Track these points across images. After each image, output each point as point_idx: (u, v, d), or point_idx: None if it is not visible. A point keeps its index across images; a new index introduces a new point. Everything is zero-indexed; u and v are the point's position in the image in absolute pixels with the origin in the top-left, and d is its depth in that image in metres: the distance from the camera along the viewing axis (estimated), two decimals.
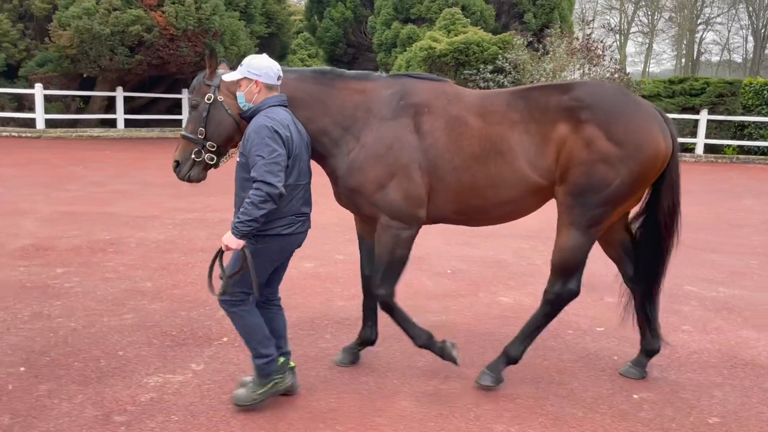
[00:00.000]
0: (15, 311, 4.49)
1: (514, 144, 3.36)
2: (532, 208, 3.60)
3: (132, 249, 6.32)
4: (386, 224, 3.48)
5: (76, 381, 3.48)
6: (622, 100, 3.40)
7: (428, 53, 17.42)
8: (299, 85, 3.50)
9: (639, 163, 3.27)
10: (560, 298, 3.49)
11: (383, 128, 3.44)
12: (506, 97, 3.50)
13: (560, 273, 3.47)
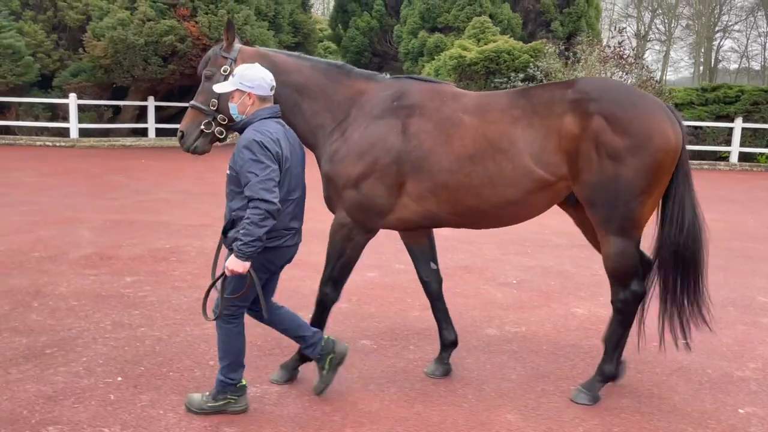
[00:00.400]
0: (96, 320, 4.51)
1: (517, 139, 3.30)
2: (538, 209, 3.47)
3: (193, 258, 6.33)
4: (341, 221, 3.51)
5: (175, 391, 3.47)
6: (626, 91, 3.37)
7: (458, 62, 17.43)
8: (313, 75, 3.61)
9: (650, 154, 3.19)
10: (627, 304, 3.43)
11: (370, 126, 3.47)
12: (506, 95, 3.49)
13: (617, 280, 3.42)
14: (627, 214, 3.25)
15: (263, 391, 3.52)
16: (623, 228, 3.28)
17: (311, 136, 3.65)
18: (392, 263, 6.34)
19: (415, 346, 4.23)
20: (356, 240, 3.53)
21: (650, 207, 3.34)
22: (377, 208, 3.46)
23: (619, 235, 3.29)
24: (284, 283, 5.47)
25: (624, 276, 3.38)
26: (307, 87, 3.60)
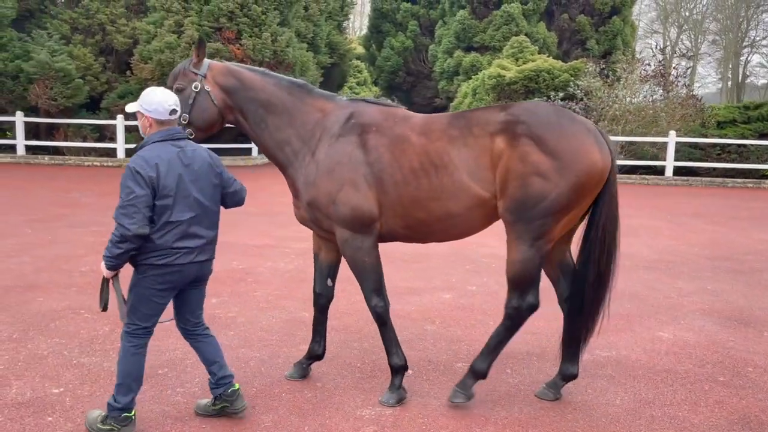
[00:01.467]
0: None
1: (454, 157, 3.51)
2: (479, 224, 3.66)
3: (269, 279, 6.47)
4: (343, 237, 3.66)
5: (293, 412, 3.58)
6: (555, 114, 3.51)
7: (497, 81, 17.55)
8: (275, 92, 3.83)
9: (575, 174, 3.34)
10: (519, 312, 3.57)
11: (335, 145, 3.67)
12: (447, 117, 3.72)
13: (515, 287, 3.55)
14: (541, 229, 3.42)
15: (378, 413, 3.60)
16: (534, 240, 3.44)
17: (278, 151, 3.85)
18: (464, 285, 6.41)
19: (513, 370, 4.29)
20: (366, 246, 3.66)
21: (564, 224, 3.50)
22: (363, 214, 3.59)
23: (528, 245, 3.45)
24: (364, 304, 5.55)
25: (523, 284, 3.53)
26: (271, 103, 3.81)
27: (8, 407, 3.54)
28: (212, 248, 3.41)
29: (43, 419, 3.42)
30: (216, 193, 3.38)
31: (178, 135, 3.29)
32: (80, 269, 6.61)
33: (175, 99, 3.29)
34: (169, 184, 3.13)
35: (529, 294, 3.54)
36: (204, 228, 3.31)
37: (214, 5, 16.79)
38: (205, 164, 3.32)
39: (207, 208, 3.31)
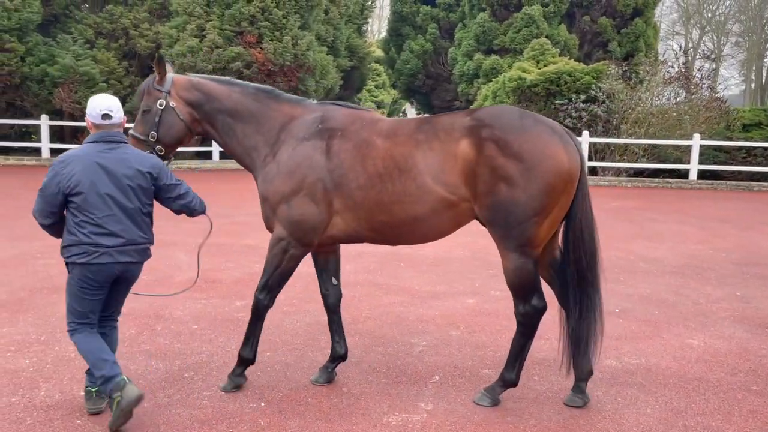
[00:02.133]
0: (221, 345, 4.66)
1: (419, 161, 3.51)
2: (448, 227, 3.66)
3: (291, 282, 6.42)
4: (279, 236, 3.72)
5: (320, 418, 3.56)
6: (519, 117, 3.50)
7: (518, 84, 17.44)
8: (241, 100, 3.90)
9: (541, 176, 3.33)
10: (528, 317, 3.60)
11: (298, 148, 3.72)
12: (414, 121, 3.73)
13: (517, 294, 3.59)
14: (522, 234, 3.40)
15: (404, 420, 3.57)
16: (520, 246, 3.43)
17: (246, 157, 3.93)
18: (488, 290, 6.35)
19: (540, 377, 4.23)
20: (292, 253, 3.74)
21: (547, 227, 3.47)
22: (310, 224, 3.66)
23: (516, 252, 3.46)
24: (387, 308, 5.58)
25: (523, 291, 3.55)
26: (238, 111, 3.88)
27: (37, 409, 3.57)
28: (136, 251, 3.48)
29: (72, 422, 3.45)
30: (141, 196, 3.46)
31: (110, 138, 3.43)
32: None
33: (109, 104, 3.43)
34: (82, 180, 3.31)
35: (533, 298, 3.55)
36: (122, 228, 3.39)
37: (236, 9, 16.91)
38: (130, 167, 3.41)
39: (126, 208, 3.40)
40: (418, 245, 5.20)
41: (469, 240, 8.74)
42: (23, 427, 3.37)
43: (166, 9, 18.51)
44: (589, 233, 3.62)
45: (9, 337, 4.69)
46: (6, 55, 16.75)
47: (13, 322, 5.04)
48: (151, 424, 3.44)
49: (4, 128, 18.72)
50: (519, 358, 3.69)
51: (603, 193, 14.92)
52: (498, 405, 3.73)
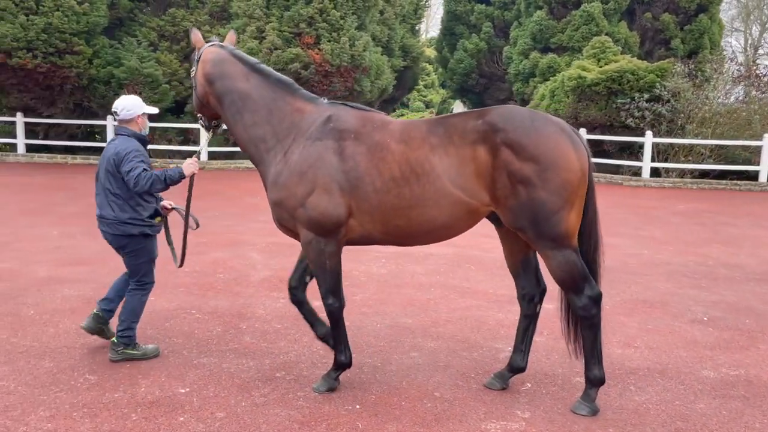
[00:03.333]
0: (306, 344, 4.69)
1: (436, 165, 3.51)
2: (462, 229, 3.70)
3: (364, 283, 6.48)
4: (307, 239, 3.70)
5: (416, 422, 3.53)
6: (530, 118, 3.51)
7: (578, 83, 17.06)
8: (257, 85, 3.89)
9: (557, 174, 3.39)
10: (587, 309, 3.57)
11: (309, 148, 3.67)
12: (426, 124, 3.69)
13: (569, 289, 3.59)
14: (552, 230, 3.43)
15: (503, 428, 3.50)
16: (555, 241, 3.46)
17: (251, 146, 3.91)
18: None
19: (636, 387, 4.10)
20: (329, 250, 3.71)
21: (575, 217, 3.51)
22: (332, 219, 3.63)
23: (554, 249, 3.48)
24: (465, 312, 5.50)
25: (574, 284, 3.55)
26: (251, 97, 3.86)
27: (140, 406, 3.66)
28: (107, 224, 4.25)
29: (176, 419, 3.52)
30: (111, 178, 4.21)
31: (116, 131, 4.34)
32: (184, 269, 6.80)
33: (116, 104, 4.22)
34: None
35: (585, 288, 3.54)
36: (99, 203, 4.30)
37: (295, 11, 17.09)
38: (110, 154, 4.17)
39: (104, 188, 4.25)
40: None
41: None
42: (129, 423, 3.46)
43: (226, 11, 18.85)
44: (595, 228, 3.71)
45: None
46: (75, 57, 17.35)
47: None
48: (252, 423, 3.48)
49: (72, 128, 19.41)
50: (595, 355, 3.65)
51: (668, 194, 14.47)
52: (597, 414, 3.63)
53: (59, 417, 3.49)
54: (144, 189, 4.08)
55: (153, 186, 4.07)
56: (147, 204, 4.33)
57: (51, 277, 6.31)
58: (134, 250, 4.33)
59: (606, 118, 17.23)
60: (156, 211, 4.42)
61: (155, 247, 4.48)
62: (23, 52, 16.53)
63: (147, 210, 4.32)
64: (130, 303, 4.36)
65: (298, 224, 3.71)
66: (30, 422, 3.43)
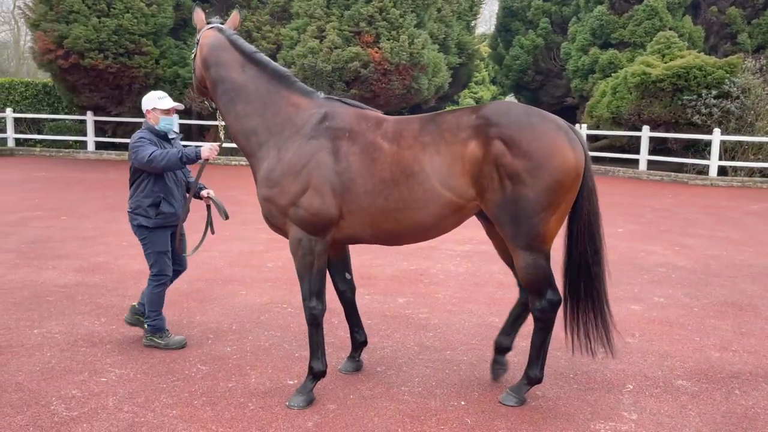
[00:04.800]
0: (398, 340, 4.79)
1: (426, 165, 3.44)
2: (450, 228, 3.67)
3: (443, 281, 6.55)
4: (297, 237, 3.63)
5: (525, 420, 3.58)
6: (526, 114, 3.46)
7: (642, 79, 16.69)
8: (255, 76, 3.79)
9: (549, 173, 3.33)
10: (545, 312, 3.59)
11: (304, 146, 3.60)
12: (418, 121, 3.62)
13: (532, 290, 3.58)
14: (531, 230, 3.39)
15: (613, 428, 3.52)
16: (530, 243, 3.42)
17: (242, 138, 3.82)
18: (650, 296, 6.14)
19: (741, 391, 4.03)
20: (318, 249, 3.65)
21: (555, 223, 3.47)
22: (324, 219, 3.58)
23: (527, 250, 3.45)
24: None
25: (537, 286, 3.53)
26: (246, 87, 3.75)
27: (255, 396, 3.82)
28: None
29: (290, 409, 3.65)
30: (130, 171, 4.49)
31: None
32: (267, 265, 7.03)
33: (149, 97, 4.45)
34: None
35: (547, 293, 3.55)
36: None
37: (355, 10, 17.26)
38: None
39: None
40: None
41: (612, 243, 8.48)
42: (248, 412, 3.62)
43: (287, 11, 19.17)
44: (597, 228, 3.66)
45: (204, 326, 5.05)
46: (143, 57, 17.98)
47: (202, 311, 5.41)
48: (363, 415, 3.59)
49: (138, 126, 20.08)
50: (541, 355, 3.71)
51: (737, 194, 14.04)
52: (524, 404, 3.73)
53: (181, 404, 3.68)
54: (161, 165, 4.21)
55: (168, 162, 4.20)
56: (151, 193, 4.38)
57: (143, 271, 6.58)
58: (142, 240, 4.49)
59: (671, 115, 16.81)
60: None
61: (166, 239, 4.52)
62: (95, 53, 17.21)
63: (151, 196, 4.38)
64: (147, 294, 4.56)
65: (288, 222, 3.67)
66: (156, 409, 3.62)
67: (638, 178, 17.21)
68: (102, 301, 5.59)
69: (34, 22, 17.46)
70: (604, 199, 15.05)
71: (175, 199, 4.50)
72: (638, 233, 9.23)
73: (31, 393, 3.78)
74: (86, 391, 3.83)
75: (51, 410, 3.57)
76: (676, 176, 16.39)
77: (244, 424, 3.46)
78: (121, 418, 3.50)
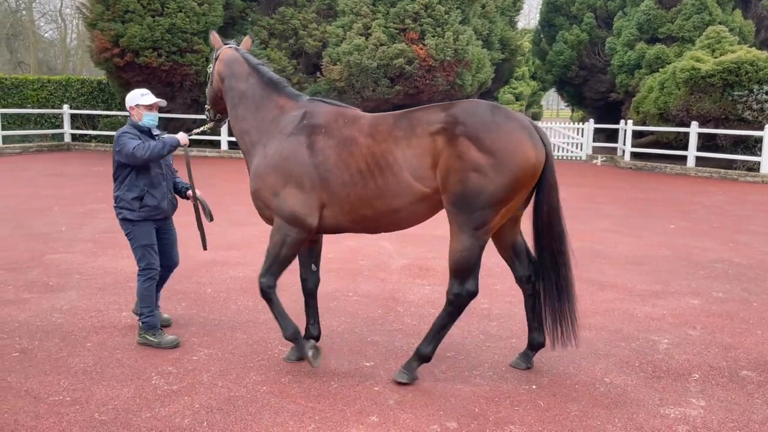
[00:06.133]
0: (463, 328, 4.97)
1: (398, 157, 3.72)
2: (423, 216, 3.91)
3: (499, 274, 6.69)
4: (278, 225, 3.99)
5: (596, 404, 3.74)
6: (491, 113, 3.66)
7: (691, 74, 16.47)
8: (252, 84, 4.25)
9: (510, 170, 3.55)
10: (460, 298, 3.80)
11: (284, 143, 3.97)
12: (393, 117, 3.89)
13: (456, 275, 3.77)
14: (480, 219, 3.63)
15: (682, 414, 3.65)
16: (474, 230, 3.65)
17: (240, 138, 4.28)
18: (708, 291, 6.19)
19: None
20: (291, 239, 3.97)
21: (503, 215, 3.71)
22: (302, 212, 3.90)
23: (468, 235, 3.67)
24: (609, 305, 5.58)
25: (463, 272, 3.75)
26: (246, 94, 4.25)
27: (337, 376, 4.07)
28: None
29: (371, 388, 3.89)
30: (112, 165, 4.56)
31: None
32: (327, 256, 7.29)
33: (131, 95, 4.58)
34: None
35: (469, 281, 3.76)
36: None
37: (401, 7, 17.44)
38: None
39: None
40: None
41: (666, 239, 8.51)
42: (332, 389, 3.87)
43: (333, 9, 19.47)
44: (557, 219, 3.87)
45: None
46: (194, 55, 18.51)
47: None
48: (441, 396, 3.81)
49: (188, 122, 20.67)
50: (438, 336, 3.92)
51: None
52: (416, 381, 3.93)
53: (270, 381, 3.96)
54: (146, 156, 4.29)
55: (152, 152, 4.30)
56: (134, 187, 4.44)
57: (212, 260, 6.94)
58: (128, 235, 4.53)
59: (720, 111, 16.55)
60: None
61: (150, 232, 4.53)
62: (149, 51, 17.80)
63: (135, 190, 4.43)
64: (138, 290, 4.53)
65: (272, 213, 4.02)
66: (247, 384, 3.91)
67: (686, 174, 16.98)
68: (179, 287, 5.93)
69: (92, 21, 18.14)
70: (652, 195, 14.91)
71: (159, 192, 4.52)
72: (691, 230, 9.21)
73: (131, 369, 4.11)
74: (181, 368, 4.14)
75: (152, 384, 3.89)
76: (725, 173, 16.14)
77: (330, 401, 3.71)
78: (218, 392, 3.79)
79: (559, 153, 21.76)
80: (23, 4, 37.34)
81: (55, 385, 3.85)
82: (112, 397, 3.71)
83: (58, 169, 15.61)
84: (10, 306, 5.34)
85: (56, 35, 42.58)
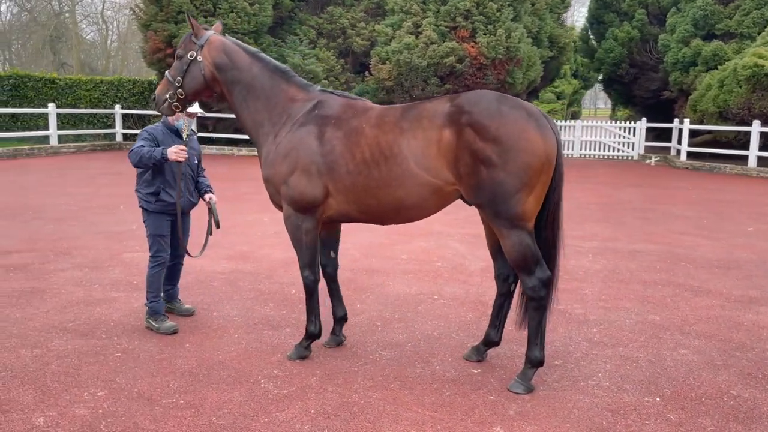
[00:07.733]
0: (563, 334, 4.80)
1: (403, 147, 3.70)
2: (430, 208, 3.85)
3: (584, 278, 6.49)
4: (287, 214, 4.05)
5: (730, 419, 3.52)
6: (497, 102, 3.61)
7: (753, 71, 15.90)
8: (258, 75, 4.19)
9: (518, 157, 3.49)
10: (536, 290, 3.70)
11: (295, 132, 4.00)
12: (400, 109, 3.88)
13: (520, 270, 3.71)
14: (509, 211, 3.56)
15: None
16: (512, 222, 3.58)
17: (253, 130, 4.25)
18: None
19: None
20: (305, 226, 4.02)
21: (533, 202, 3.60)
22: (308, 198, 3.94)
23: (510, 228, 3.61)
24: (711, 312, 5.37)
25: (525, 264, 3.67)
26: (253, 86, 4.19)
27: (446, 382, 3.94)
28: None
29: (486, 397, 3.75)
30: None
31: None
32: (401, 256, 7.19)
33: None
34: None
35: (537, 271, 3.68)
36: None
37: (452, 5, 17.25)
38: None
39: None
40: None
41: (747, 242, 8.16)
42: (446, 398, 3.73)
43: (381, 8, 19.39)
44: (557, 214, 3.82)
45: (368, 314, 5.23)
46: None
47: (360, 300, 5.61)
48: (561, 407, 3.64)
49: (236, 122, 20.86)
50: (538, 336, 3.79)
51: None
52: (532, 391, 3.76)
53: (379, 387, 3.85)
54: (134, 160, 4.55)
55: (141, 159, 4.51)
56: (150, 184, 4.69)
57: (287, 259, 6.88)
58: (144, 222, 4.78)
59: None
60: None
61: (162, 224, 4.75)
62: None
63: (151, 186, 4.68)
64: (147, 275, 4.77)
65: (281, 199, 4.07)
66: (358, 390, 3.80)
67: (747, 175, 16.41)
68: (262, 287, 5.88)
69: (145, 22, 18.40)
70: (718, 196, 14.50)
71: (175, 191, 4.71)
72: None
73: (236, 371, 4.04)
74: (286, 371, 4.06)
75: (262, 387, 3.81)
76: None
77: (447, 410, 3.58)
78: (329, 398, 3.69)
79: (609, 152, 21.28)
80: (66, 6, 38.20)
81: (165, 387, 3.80)
82: (225, 401, 3.64)
83: (114, 167, 15.85)
84: (102, 305, 5.35)
85: (97, 37, 43.53)
